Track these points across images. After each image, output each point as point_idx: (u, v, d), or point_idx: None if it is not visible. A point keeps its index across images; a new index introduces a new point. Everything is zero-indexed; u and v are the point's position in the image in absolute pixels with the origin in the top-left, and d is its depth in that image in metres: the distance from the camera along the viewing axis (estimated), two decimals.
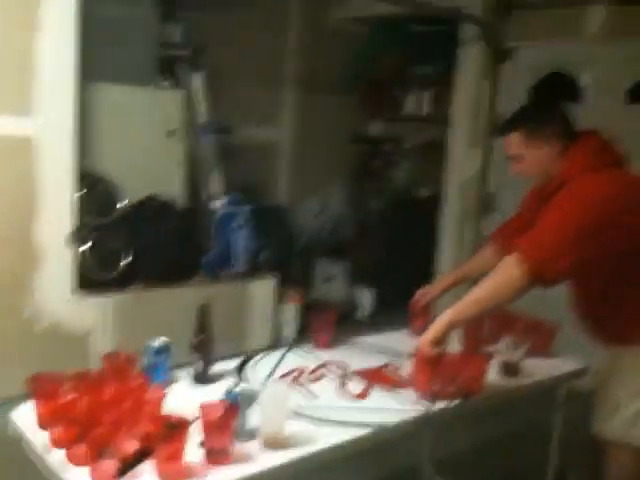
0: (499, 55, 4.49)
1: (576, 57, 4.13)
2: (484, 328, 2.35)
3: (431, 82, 5.42)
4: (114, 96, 3.59)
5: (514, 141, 2.02)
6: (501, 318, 2.37)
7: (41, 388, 1.49)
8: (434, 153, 5.24)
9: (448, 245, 4.83)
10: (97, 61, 3.38)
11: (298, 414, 1.63)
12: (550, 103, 2.23)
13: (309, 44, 5.24)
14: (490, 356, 2.03)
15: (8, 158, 3.05)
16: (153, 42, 3.90)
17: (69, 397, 1.46)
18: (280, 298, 4.22)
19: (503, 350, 2.08)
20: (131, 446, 1.36)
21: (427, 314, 2.39)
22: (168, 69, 4.01)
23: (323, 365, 1.99)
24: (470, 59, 4.64)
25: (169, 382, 1.76)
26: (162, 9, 3.94)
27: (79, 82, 3.17)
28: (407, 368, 1.91)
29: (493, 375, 2.01)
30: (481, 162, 4.66)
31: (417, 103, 5.58)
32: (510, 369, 2.06)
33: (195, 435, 1.41)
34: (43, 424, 1.46)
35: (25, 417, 1.53)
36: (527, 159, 2.02)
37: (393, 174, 5.85)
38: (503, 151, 2.11)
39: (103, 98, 3.53)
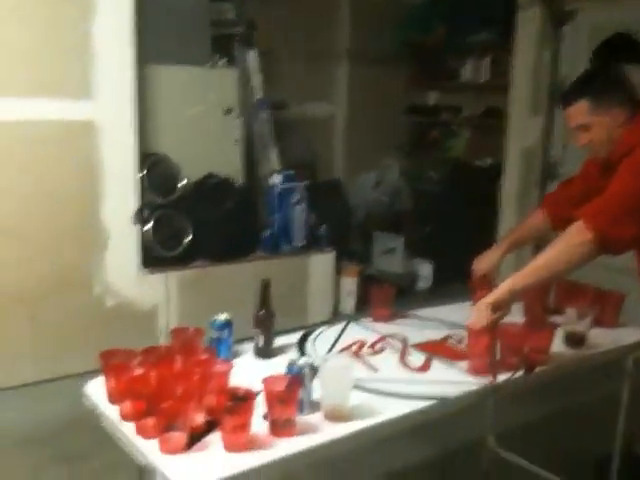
0: (559, 17, 4.33)
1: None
2: (549, 298, 2.32)
3: (489, 48, 5.28)
4: (171, 77, 3.65)
5: (580, 110, 1.95)
6: (566, 288, 2.32)
7: (111, 363, 1.55)
8: (493, 122, 5.13)
9: (509, 215, 4.74)
10: (153, 43, 3.43)
11: (359, 387, 1.64)
12: (615, 67, 2.14)
13: (361, 15, 5.18)
14: (555, 327, 1.99)
15: (72, 142, 3.14)
16: (206, 21, 3.92)
17: (138, 372, 1.51)
18: (339, 272, 4.24)
19: (568, 321, 2.04)
20: (199, 418, 1.41)
21: (487, 283, 2.37)
22: (222, 47, 4.04)
23: (383, 338, 2.00)
24: (529, 23, 4.49)
25: (233, 356, 1.80)
26: None
27: (137, 64, 3.23)
28: (466, 340, 1.90)
29: (558, 346, 1.97)
30: (542, 129, 4.53)
31: (475, 70, 5.45)
32: (575, 340, 2.02)
33: (259, 407, 1.44)
34: (113, 398, 1.52)
35: (98, 391, 1.59)
36: (594, 128, 1.95)
37: (451, 144, 5.76)
38: (565, 120, 2.04)
39: (160, 79, 3.59)
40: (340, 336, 1.98)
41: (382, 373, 1.77)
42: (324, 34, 5.06)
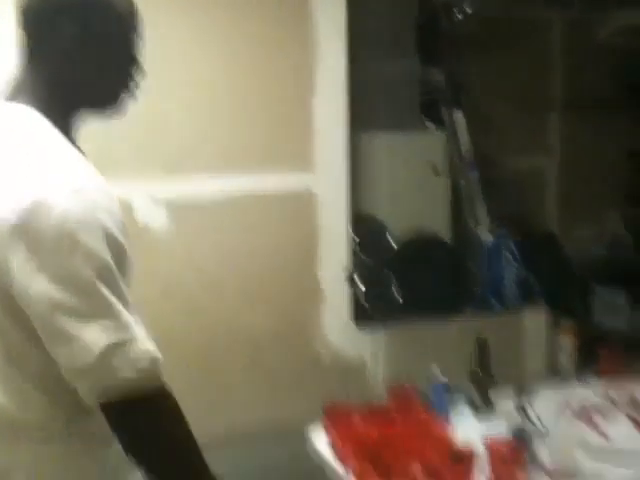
0: None
1: None
2: None
3: None
4: (382, 143, 3.82)
5: None
6: None
7: (335, 418, 1.63)
8: None
9: None
10: (366, 112, 3.64)
11: (589, 453, 1.56)
12: None
13: (574, 63, 5.01)
14: None
15: (294, 210, 3.42)
16: (416, 86, 4.08)
17: (363, 429, 1.57)
18: (556, 330, 4.03)
19: None
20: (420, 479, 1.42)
21: None
22: (430, 110, 4.15)
23: (613, 400, 1.87)
24: None
25: (450, 416, 1.80)
26: (424, 54, 4.11)
27: (350, 135, 3.46)
28: None
29: None
30: None
31: None
32: None
33: (480, 471, 1.43)
34: (339, 453, 1.58)
35: (322, 443, 1.66)
36: None
37: None
38: None
39: (373, 146, 3.78)
40: (564, 398, 1.90)
41: (614, 440, 1.66)
42: (535, 83, 4.96)
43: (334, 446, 1.61)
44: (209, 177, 3.25)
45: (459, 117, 4.16)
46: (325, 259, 3.48)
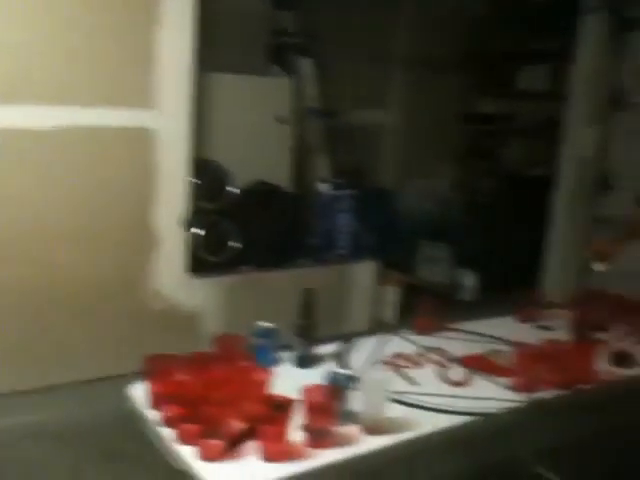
0: (624, 24, 4.22)
1: None
2: (595, 315, 2.27)
3: (549, 56, 5.18)
4: (227, 85, 3.71)
5: None
6: (614, 304, 2.28)
7: (155, 368, 1.59)
8: (549, 131, 5.03)
9: (560, 227, 4.64)
10: (211, 51, 3.51)
11: (399, 400, 1.64)
12: None
13: (419, 22, 5.14)
14: (601, 345, 1.95)
15: (128, 148, 3.23)
16: (265, 31, 3.98)
17: (181, 377, 1.55)
18: (381, 281, 4.23)
19: (615, 339, 1.99)
20: (237, 425, 1.43)
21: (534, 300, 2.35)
22: (278, 56, 4.09)
23: (424, 351, 1.99)
24: (592, 30, 4.38)
25: (274, 364, 1.83)
26: None
27: (196, 74, 3.31)
28: (510, 356, 1.88)
29: (604, 365, 1.93)
30: (599, 140, 4.43)
31: (532, 79, 5.36)
32: (622, 359, 1.97)
33: (298, 417, 1.46)
34: (156, 403, 1.56)
35: (140, 394, 1.63)
36: None
37: (505, 153, 5.67)
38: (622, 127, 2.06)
39: (216, 88, 3.66)
40: (380, 348, 1.99)
41: (422, 387, 1.77)
42: (381, 40, 5.04)
43: (151, 395, 1.58)
44: (39, 106, 2.97)
45: (307, 65, 4.14)
46: (161, 203, 3.34)
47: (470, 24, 5.40)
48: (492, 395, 1.74)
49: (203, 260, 3.53)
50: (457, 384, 1.80)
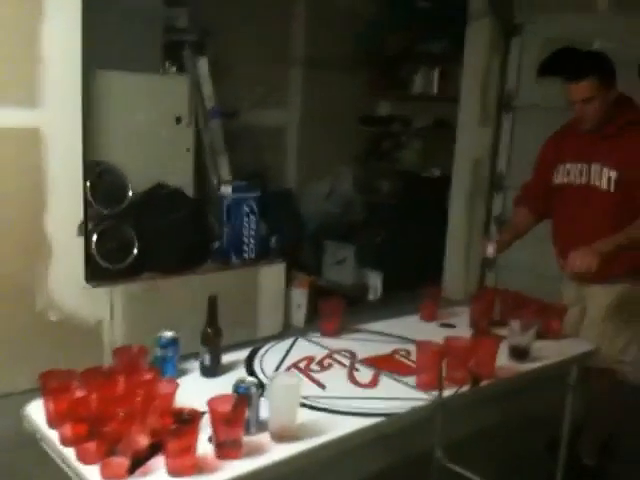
0: (508, 29, 4.42)
1: (587, 30, 4.06)
2: (494, 311, 2.35)
3: (440, 59, 5.36)
4: (120, 83, 3.58)
5: (589, 85, 2.23)
6: (511, 300, 2.36)
7: (50, 385, 1.50)
8: (444, 132, 5.20)
9: (458, 225, 4.81)
10: (103, 49, 3.37)
11: (307, 405, 1.63)
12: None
13: (315, 24, 5.19)
14: (500, 339, 2.02)
15: (17, 149, 3.06)
16: (159, 27, 3.87)
17: (78, 394, 1.47)
18: (290, 283, 4.23)
19: (512, 333, 2.07)
20: (142, 442, 1.37)
21: (437, 299, 2.41)
22: (174, 54, 3.99)
23: (331, 354, 1.99)
24: (479, 34, 4.57)
25: (179, 374, 1.77)
26: None
27: (85, 71, 3.16)
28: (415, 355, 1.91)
29: (503, 359, 2.00)
30: (491, 141, 4.62)
31: (426, 81, 5.51)
32: (519, 353, 2.05)
33: (205, 429, 1.42)
34: (52, 422, 1.47)
35: (38, 412, 1.54)
36: (597, 102, 2.25)
37: (402, 155, 5.81)
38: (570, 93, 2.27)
39: (109, 86, 3.52)
40: (288, 353, 1.97)
41: (330, 390, 1.77)
42: (279, 41, 5.05)
43: (49, 414, 1.49)
44: None
45: (203, 63, 4.06)
46: (54, 209, 3.17)
47: (364, 26, 5.49)
48: (399, 395, 1.76)
49: (104, 268, 3.39)
50: (365, 385, 1.81)
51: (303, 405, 1.61)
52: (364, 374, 1.87)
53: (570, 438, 2.37)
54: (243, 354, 1.95)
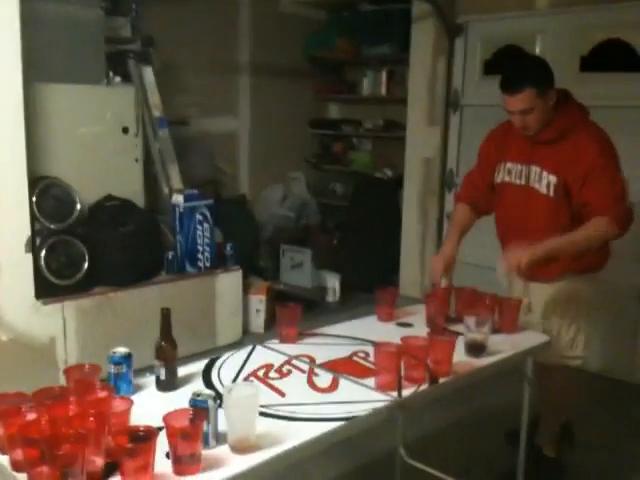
0: (451, 30, 4.49)
1: (527, 28, 4.15)
2: (449, 308, 2.37)
3: (387, 61, 5.40)
4: (63, 96, 3.50)
5: (527, 96, 2.24)
6: (465, 297, 2.39)
7: (2, 406, 1.45)
8: (394, 133, 5.24)
9: (412, 224, 4.85)
10: (44, 62, 3.29)
11: (267, 414, 1.62)
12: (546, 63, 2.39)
13: (261, 30, 5.19)
14: (456, 336, 2.04)
15: None
16: (101, 37, 3.80)
17: (29, 417, 1.42)
18: (247, 290, 4.20)
19: (468, 329, 2.08)
20: (97, 463, 1.34)
21: (392, 299, 2.42)
22: (117, 64, 3.92)
23: (290, 360, 1.98)
24: (423, 36, 4.63)
25: (135, 390, 1.74)
26: (107, 3, 3.84)
27: (26, 85, 3.08)
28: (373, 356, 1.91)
29: (461, 355, 2.02)
30: (440, 140, 4.67)
31: (374, 83, 5.55)
32: (476, 348, 2.07)
33: (163, 445, 1.39)
34: (3, 447, 1.42)
35: None
36: (537, 112, 2.27)
37: (354, 157, 5.84)
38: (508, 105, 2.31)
39: (52, 99, 3.44)
40: (246, 362, 1.95)
41: (290, 397, 1.75)
42: (225, 48, 5.03)
43: None
44: None
45: (148, 72, 4.01)
46: (0, 226, 3.08)
47: (310, 32, 5.51)
48: (359, 398, 1.75)
49: (54, 284, 3.31)
50: (324, 390, 1.80)
51: (262, 414, 1.59)
52: (323, 379, 1.87)
53: (529, 430, 2.40)
54: (201, 365, 1.93)
